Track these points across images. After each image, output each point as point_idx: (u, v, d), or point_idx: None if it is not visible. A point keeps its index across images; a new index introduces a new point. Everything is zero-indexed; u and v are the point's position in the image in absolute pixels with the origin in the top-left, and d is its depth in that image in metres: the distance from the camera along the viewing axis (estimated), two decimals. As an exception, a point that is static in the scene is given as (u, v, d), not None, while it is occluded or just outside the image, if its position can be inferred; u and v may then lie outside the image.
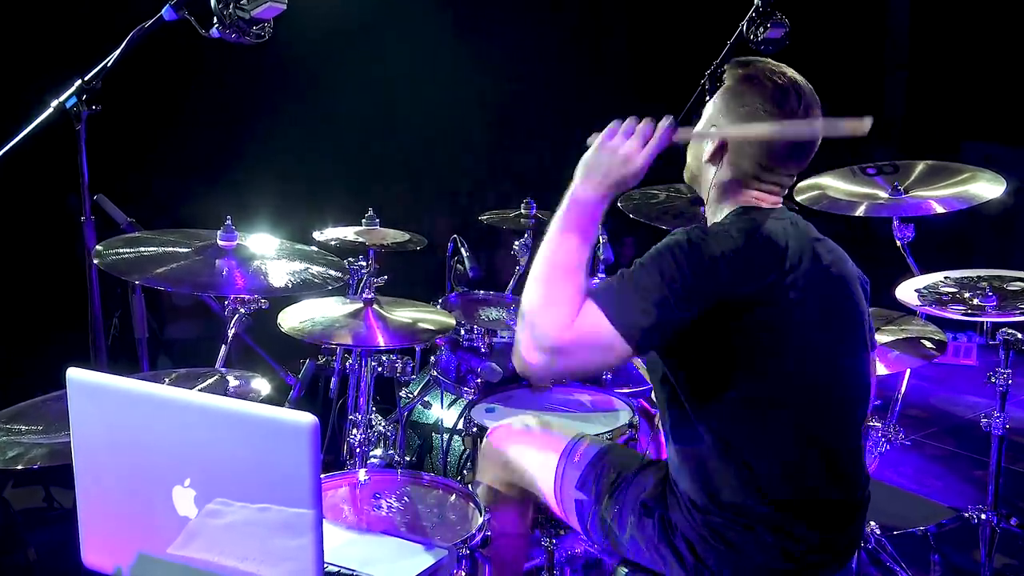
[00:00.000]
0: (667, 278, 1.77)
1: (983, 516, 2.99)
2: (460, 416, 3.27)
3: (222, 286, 2.58)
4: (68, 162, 2.40)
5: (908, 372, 3.03)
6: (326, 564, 1.71)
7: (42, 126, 2.39)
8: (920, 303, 2.83)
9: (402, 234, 3.35)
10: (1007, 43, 6.00)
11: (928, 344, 2.94)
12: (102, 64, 2.39)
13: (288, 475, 1.45)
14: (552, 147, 5.47)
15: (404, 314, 2.79)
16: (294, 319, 2.67)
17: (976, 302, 2.78)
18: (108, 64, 2.39)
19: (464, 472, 3.20)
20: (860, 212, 3.14)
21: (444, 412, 3.37)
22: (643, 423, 2.94)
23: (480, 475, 2.38)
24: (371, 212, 3.36)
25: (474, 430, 2.82)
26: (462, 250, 3.49)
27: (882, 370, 2.83)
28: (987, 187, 3.07)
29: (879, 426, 2.99)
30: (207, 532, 1.52)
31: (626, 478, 2.10)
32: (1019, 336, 2.88)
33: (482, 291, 3.65)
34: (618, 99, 5.56)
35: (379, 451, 2.86)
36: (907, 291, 2.88)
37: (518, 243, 3.74)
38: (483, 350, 3.26)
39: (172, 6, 2.36)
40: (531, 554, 2.78)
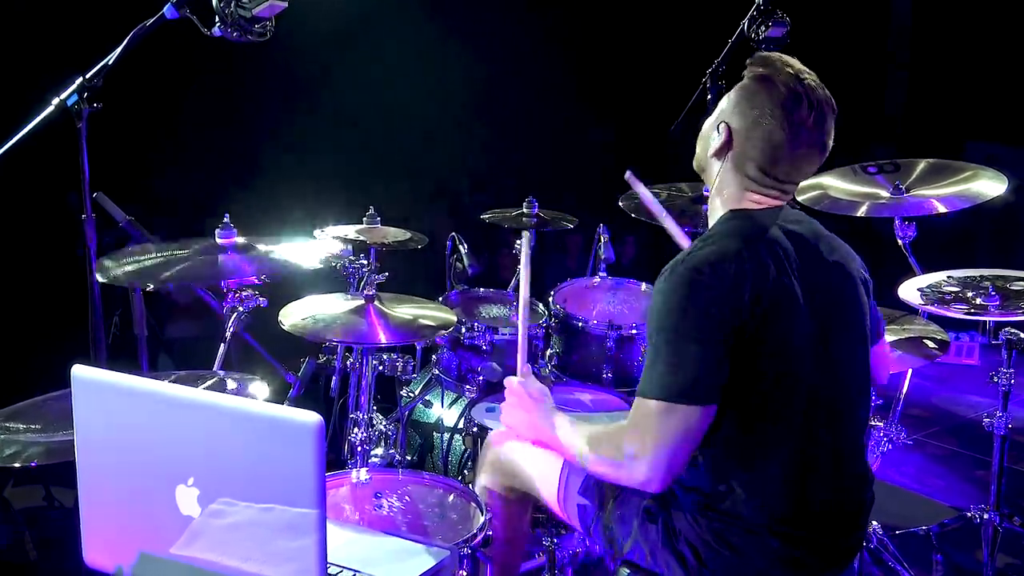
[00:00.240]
0: (683, 329, 1.82)
1: (985, 516, 2.99)
2: (461, 415, 3.27)
3: (228, 273, 2.57)
4: (69, 160, 2.39)
5: (910, 372, 3.02)
6: (328, 564, 1.71)
7: (43, 124, 2.38)
8: (922, 302, 2.82)
9: (403, 232, 3.35)
10: (1011, 42, 5.99)
11: (930, 344, 2.94)
12: (103, 62, 2.38)
13: (292, 475, 1.44)
14: (553, 145, 5.47)
15: (405, 311, 2.78)
16: (295, 316, 2.66)
17: (979, 301, 2.77)
18: (109, 62, 2.38)
19: (465, 471, 3.20)
20: (862, 212, 3.13)
21: (445, 411, 3.37)
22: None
23: (480, 476, 2.38)
24: (372, 210, 3.35)
25: (475, 429, 2.82)
26: (461, 248, 3.49)
27: (884, 370, 2.83)
28: (989, 185, 3.06)
29: (881, 425, 2.99)
30: (210, 532, 1.51)
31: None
32: (1022, 336, 2.88)
33: (483, 288, 3.64)
34: (619, 99, 5.56)
35: (380, 450, 2.85)
36: (909, 290, 2.88)
37: (519, 241, 3.68)
38: (484, 348, 3.25)
39: (174, 4, 2.35)
40: (532, 554, 2.78)
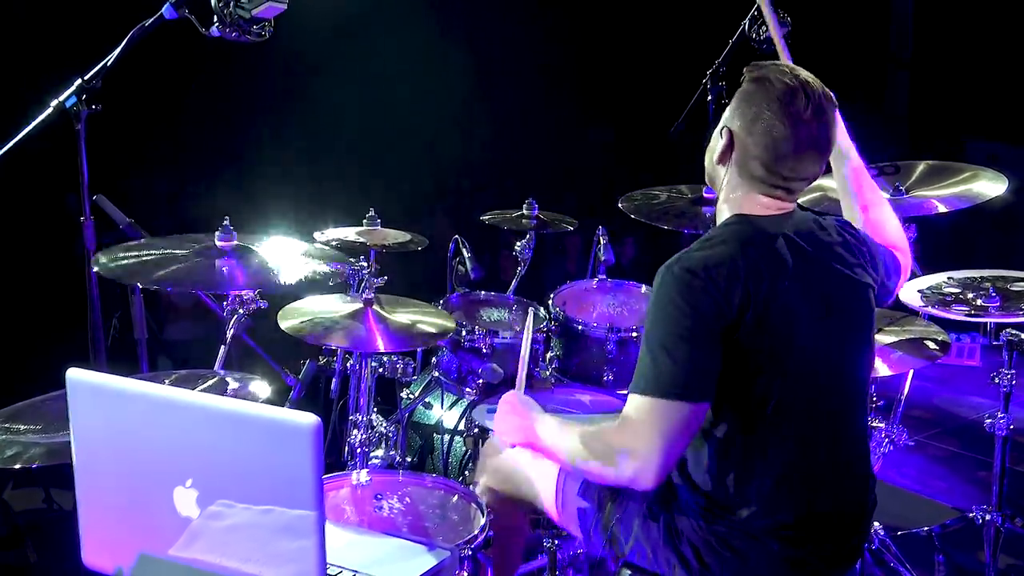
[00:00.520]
0: (676, 330, 1.81)
1: (987, 517, 2.98)
2: (461, 417, 3.26)
3: (224, 284, 2.56)
4: (68, 162, 2.39)
5: (911, 373, 3.02)
6: (328, 565, 1.70)
7: (42, 126, 2.37)
8: (923, 304, 2.82)
9: (403, 234, 3.34)
10: (1012, 42, 5.98)
11: (931, 345, 2.93)
12: (102, 63, 2.38)
13: (290, 476, 1.44)
14: (554, 146, 5.46)
15: (404, 316, 2.77)
16: (294, 319, 2.65)
17: (979, 303, 2.76)
18: (108, 63, 2.38)
19: (465, 473, 3.19)
20: (862, 212, 3.12)
21: (445, 413, 3.37)
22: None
23: (479, 478, 2.37)
24: (372, 212, 3.34)
25: (475, 431, 2.81)
26: (463, 250, 3.48)
27: (885, 371, 2.82)
28: (989, 186, 3.05)
29: (882, 427, 2.98)
30: (209, 533, 1.51)
31: None
32: (1023, 336, 2.88)
33: (484, 292, 3.62)
34: (620, 99, 5.55)
35: (380, 452, 2.84)
36: (910, 292, 2.87)
37: (520, 243, 3.67)
38: (484, 351, 3.24)
39: (172, 5, 2.34)
40: (533, 554, 2.77)
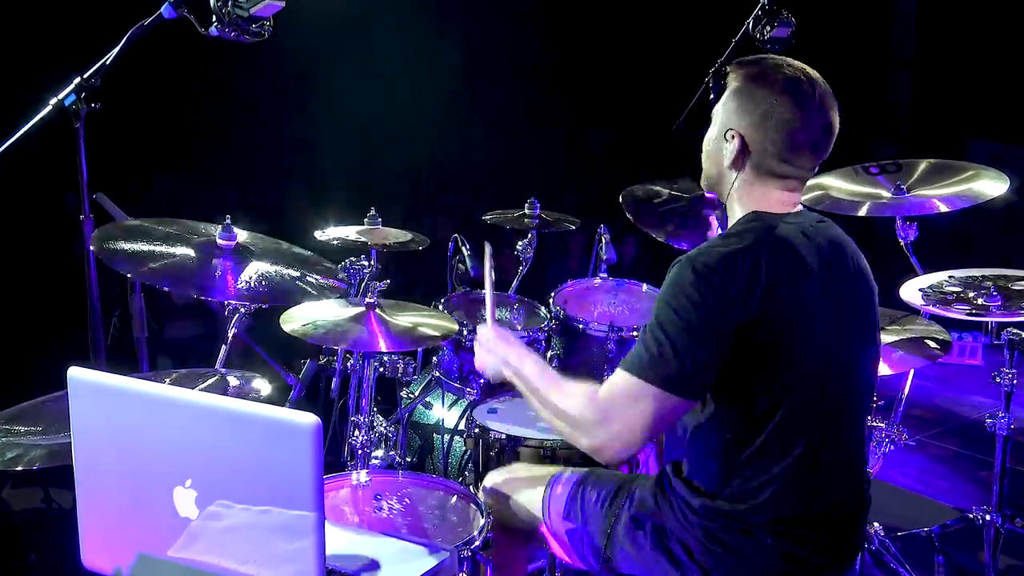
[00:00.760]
0: (685, 321, 1.80)
1: (987, 517, 2.98)
2: (462, 417, 3.26)
3: (214, 289, 2.55)
4: (67, 160, 2.38)
5: (912, 372, 3.01)
6: (327, 565, 1.70)
7: (41, 124, 2.37)
8: (924, 303, 2.82)
9: (404, 233, 3.34)
10: (1014, 42, 5.97)
11: (932, 344, 2.93)
12: (101, 62, 2.38)
13: (290, 476, 1.43)
14: (555, 146, 5.46)
15: (406, 319, 2.76)
16: (296, 322, 2.64)
17: (981, 302, 2.76)
18: (107, 62, 2.37)
19: (466, 473, 3.19)
20: (863, 212, 3.11)
21: (446, 413, 3.36)
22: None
23: (485, 480, 2.38)
24: (373, 211, 3.34)
25: (476, 431, 2.81)
26: (463, 249, 3.47)
27: (886, 370, 2.82)
28: (990, 185, 3.05)
29: (883, 426, 2.98)
30: (208, 533, 1.50)
31: (610, 497, 2.11)
32: None
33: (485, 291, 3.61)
34: (622, 98, 5.55)
35: (380, 452, 2.84)
36: (911, 291, 2.87)
37: (521, 243, 3.66)
38: (485, 350, 3.23)
39: (171, 4, 2.34)
40: (534, 556, 2.77)
